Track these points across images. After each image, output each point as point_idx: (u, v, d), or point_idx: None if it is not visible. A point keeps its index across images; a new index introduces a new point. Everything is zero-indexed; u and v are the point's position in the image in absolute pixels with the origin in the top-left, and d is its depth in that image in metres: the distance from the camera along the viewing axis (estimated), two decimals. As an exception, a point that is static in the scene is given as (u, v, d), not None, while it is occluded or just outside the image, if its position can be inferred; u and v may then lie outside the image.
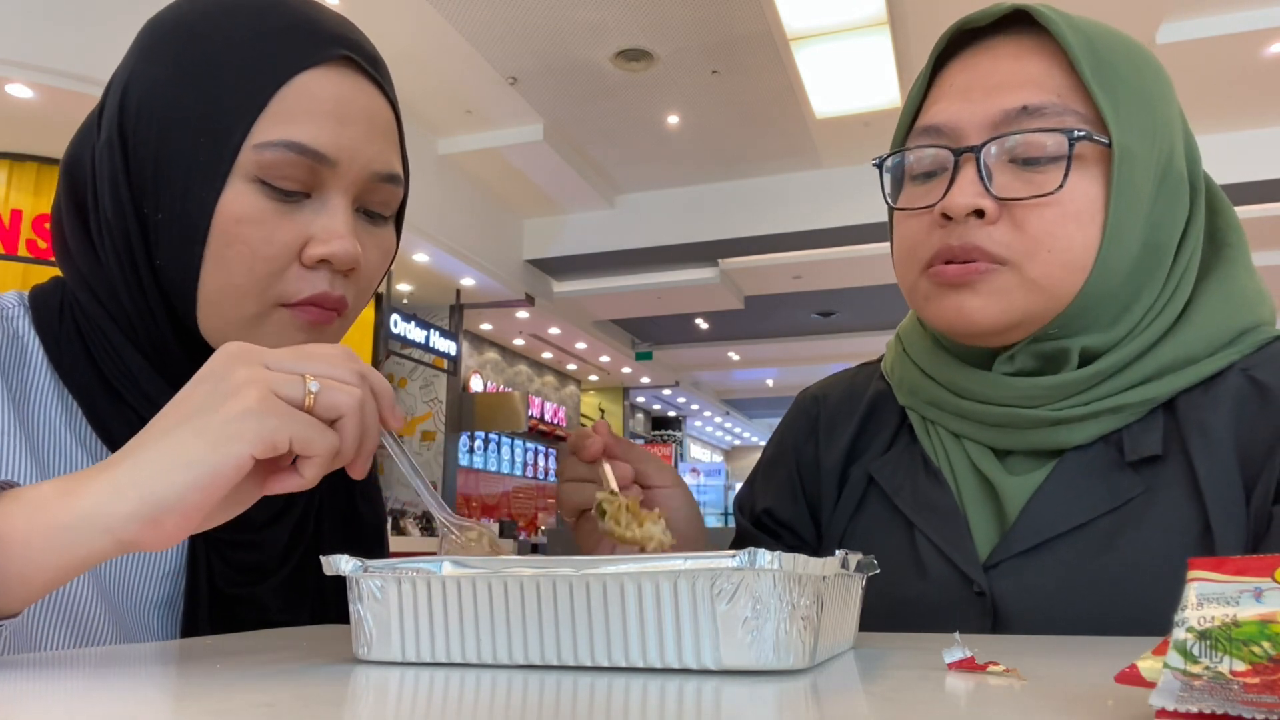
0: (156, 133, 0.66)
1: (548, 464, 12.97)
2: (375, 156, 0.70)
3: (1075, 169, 0.69)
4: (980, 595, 0.72)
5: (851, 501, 0.85)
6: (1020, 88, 0.71)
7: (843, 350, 11.92)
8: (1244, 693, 0.28)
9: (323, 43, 0.68)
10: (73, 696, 0.41)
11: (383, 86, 0.72)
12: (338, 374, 0.54)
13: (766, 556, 0.42)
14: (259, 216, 0.66)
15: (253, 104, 0.65)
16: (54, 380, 0.69)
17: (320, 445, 0.52)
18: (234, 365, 0.52)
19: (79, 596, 0.66)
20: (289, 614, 0.78)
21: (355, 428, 0.54)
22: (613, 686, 0.42)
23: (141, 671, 0.50)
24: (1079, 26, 0.72)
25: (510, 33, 5.89)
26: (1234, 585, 0.30)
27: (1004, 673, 0.43)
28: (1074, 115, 0.70)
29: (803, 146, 7.53)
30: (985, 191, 0.70)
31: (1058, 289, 0.71)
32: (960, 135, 0.73)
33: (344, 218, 0.68)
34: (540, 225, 8.95)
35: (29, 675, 0.46)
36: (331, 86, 0.67)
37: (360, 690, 0.43)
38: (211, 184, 0.65)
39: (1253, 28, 5.45)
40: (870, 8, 5.32)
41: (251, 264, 0.66)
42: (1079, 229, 0.70)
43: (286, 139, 0.65)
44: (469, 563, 0.48)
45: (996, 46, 0.74)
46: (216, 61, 0.66)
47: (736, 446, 23.31)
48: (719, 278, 9.02)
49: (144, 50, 0.69)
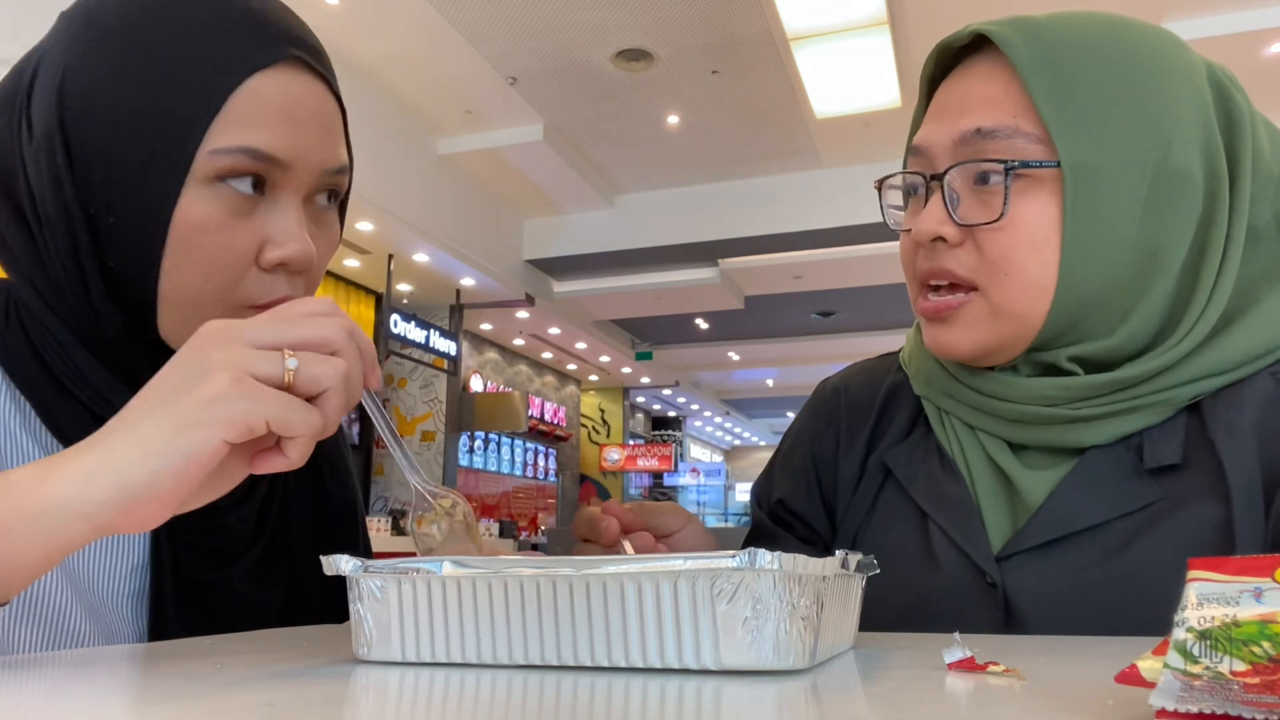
0: (105, 131, 0.65)
1: (548, 464, 12.98)
2: (326, 154, 0.70)
3: (1026, 191, 0.70)
4: (992, 587, 0.72)
5: (869, 493, 0.85)
6: (978, 109, 0.72)
7: (843, 350, 11.91)
8: (1244, 693, 0.28)
9: (273, 42, 0.68)
10: (73, 697, 0.41)
11: (329, 81, 0.72)
12: (323, 335, 0.53)
13: (766, 556, 0.42)
14: (216, 223, 0.65)
15: (207, 109, 0.64)
16: (4, 380, 0.69)
17: (301, 425, 0.51)
18: (210, 346, 0.51)
19: (53, 596, 0.66)
20: (260, 596, 0.77)
21: (339, 402, 0.53)
22: (613, 686, 0.42)
23: (142, 672, 0.50)
24: (1042, 38, 0.70)
25: (510, 33, 5.89)
26: (1234, 585, 0.30)
27: (1004, 673, 0.43)
28: (1024, 137, 0.70)
29: (803, 146, 7.53)
30: (948, 217, 0.72)
31: (1023, 313, 0.71)
32: (932, 157, 0.74)
33: (297, 218, 0.68)
34: (540, 225, 8.95)
35: (26, 677, 0.46)
36: (281, 87, 0.67)
37: (360, 690, 0.43)
38: (168, 189, 0.64)
39: (1253, 28, 5.45)
40: (870, 8, 5.32)
41: (209, 271, 0.66)
42: (1033, 252, 0.70)
43: (243, 145, 0.65)
44: (469, 563, 0.48)
45: (971, 67, 0.75)
46: (165, 59, 0.65)
47: (736, 446, 23.30)
48: (719, 278, 9.03)
49: (80, 41, 0.67)
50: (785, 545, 0.83)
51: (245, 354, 0.51)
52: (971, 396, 0.79)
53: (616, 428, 14.82)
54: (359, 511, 0.93)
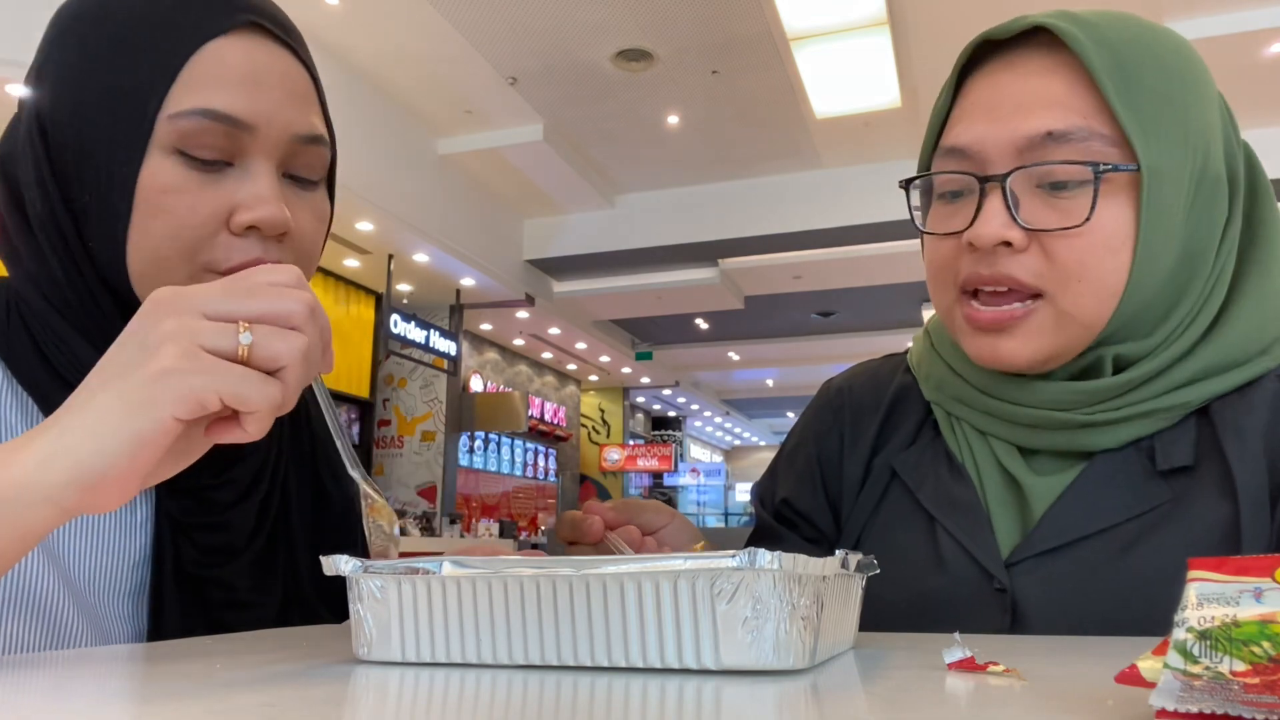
0: (72, 115, 0.66)
1: (548, 464, 12.97)
2: (295, 119, 0.69)
3: (1103, 197, 0.68)
4: (1001, 592, 0.71)
5: (874, 495, 0.84)
6: (1045, 110, 0.69)
7: (843, 350, 11.92)
8: (1244, 693, 0.28)
9: (230, 10, 0.68)
10: (73, 697, 0.41)
11: (297, 52, 0.72)
12: (283, 309, 0.50)
13: (766, 556, 0.42)
14: (181, 186, 0.65)
15: (164, 74, 0.65)
16: (6, 378, 0.69)
17: (258, 399, 0.49)
18: (160, 316, 0.49)
19: (46, 595, 0.65)
20: (259, 593, 0.77)
21: (298, 377, 0.50)
22: (613, 686, 0.42)
23: (141, 672, 0.50)
24: (1104, 38, 0.69)
25: (510, 33, 5.89)
26: (1234, 585, 0.30)
27: (1004, 673, 0.43)
28: (1100, 139, 0.68)
29: (803, 146, 7.53)
30: (1012, 221, 0.69)
31: (1090, 319, 0.70)
32: (985, 159, 0.71)
33: (268, 181, 0.68)
34: (540, 225, 8.95)
35: (25, 676, 0.46)
36: (242, 52, 0.67)
37: (360, 690, 0.43)
38: (131, 157, 0.65)
39: (1253, 28, 5.45)
40: (870, 8, 5.32)
41: (177, 232, 0.65)
42: (1110, 256, 0.69)
43: (201, 106, 0.65)
44: (469, 563, 0.48)
45: (1020, 62, 0.72)
46: (122, 38, 0.66)
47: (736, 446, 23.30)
48: (719, 278, 9.03)
49: (53, 39, 0.69)
50: (789, 545, 0.84)
51: (196, 325, 0.49)
52: (984, 402, 0.78)
53: (616, 428, 14.83)
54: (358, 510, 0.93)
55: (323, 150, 0.73)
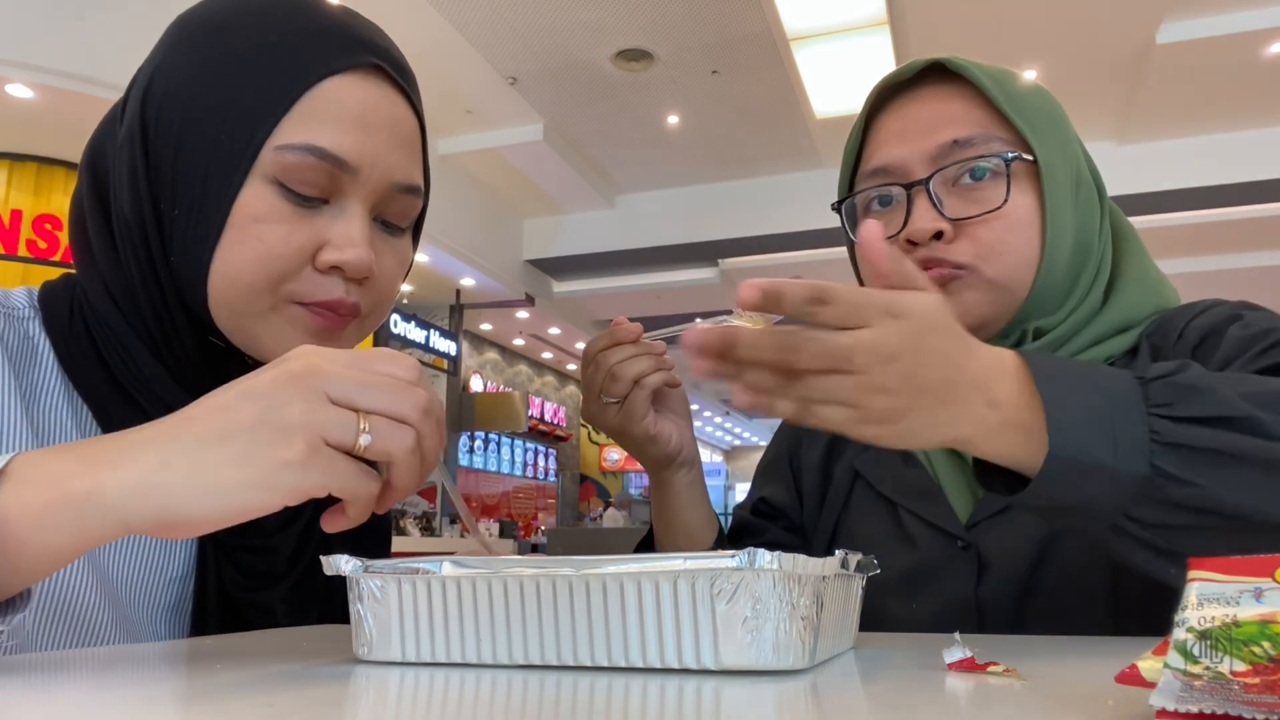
0: (178, 126, 0.66)
1: (548, 464, 12.97)
2: (396, 166, 0.69)
3: (1012, 184, 0.80)
4: (966, 549, 0.81)
5: (839, 497, 0.94)
6: (948, 125, 0.82)
7: (843, 350, 11.89)
8: (1244, 693, 0.28)
9: (353, 48, 0.68)
10: (73, 698, 0.41)
11: (409, 96, 0.72)
12: (400, 410, 0.51)
13: (766, 556, 0.42)
14: (276, 216, 0.65)
15: (278, 104, 0.65)
16: (63, 382, 0.69)
17: (364, 493, 0.51)
18: (292, 393, 0.49)
19: (84, 602, 0.65)
20: (296, 617, 0.78)
21: (405, 475, 0.52)
22: (613, 686, 0.42)
23: (142, 673, 0.50)
24: (987, 71, 0.84)
25: (510, 33, 5.89)
26: (1234, 585, 0.30)
27: (1004, 673, 0.43)
28: (999, 141, 0.81)
29: (803, 146, 7.53)
30: (940, 216, 0.80)
31: (1013, 285, 0.81)
32: (906, 172, 0.83)
33: (360, 225, 0.67)
34: (540, 225, 8.95)
35: (30, 676, 0.46)
36: (358, 93, 0.67)
37: (360, 690, 0.43)
38: (230, 180, 0.64)
39: (1253, 28, 5.45)
40: (870, 8, 5.32)
41: (265, 261, 0.65)
42: (1023, 233, 0.80)
43: (309, 142, 0.65)
44: (469, 563, 0.48)
45: (920, 94, 0.85)
46: (244, 59, 0.66)
47: (736, 446, 23.30)
48: (719, 278, 9.02)
49: (171, 44, 0.69)
50: (769, 535, 0.97)
51: (324, 416, 0.49)
52: None
53: (616, 428, 14.79)
54: (390, 534, 0.95)
55: (416, 200, 0.73)
